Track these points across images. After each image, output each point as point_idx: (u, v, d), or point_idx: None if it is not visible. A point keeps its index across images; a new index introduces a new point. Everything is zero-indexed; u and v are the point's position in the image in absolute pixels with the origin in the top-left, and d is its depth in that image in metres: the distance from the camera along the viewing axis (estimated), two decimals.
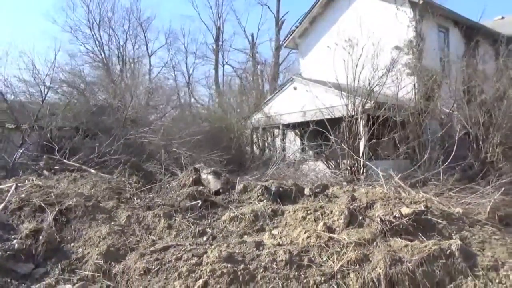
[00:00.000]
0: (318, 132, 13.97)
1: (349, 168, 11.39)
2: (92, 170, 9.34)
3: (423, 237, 5.74)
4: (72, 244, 5.99)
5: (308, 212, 6.46)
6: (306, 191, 7.43)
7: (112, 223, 6.34)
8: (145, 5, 77.95)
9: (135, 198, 7.43)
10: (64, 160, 10.21)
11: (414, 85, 13.96)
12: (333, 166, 12.39)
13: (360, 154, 12.10)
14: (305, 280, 4.86)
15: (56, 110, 13.53)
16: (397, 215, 6.01)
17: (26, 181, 8.67)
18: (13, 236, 5.94)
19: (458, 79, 14.88)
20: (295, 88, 15.71)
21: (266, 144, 18.22)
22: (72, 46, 37.41)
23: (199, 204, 6.91)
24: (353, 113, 12.25)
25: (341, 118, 12.54)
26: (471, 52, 17.18)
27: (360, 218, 6.20)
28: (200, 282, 4.72)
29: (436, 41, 16.66)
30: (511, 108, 12.67)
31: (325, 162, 12.51)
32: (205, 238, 5.99)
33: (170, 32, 61.52)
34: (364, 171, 11.43)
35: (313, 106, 13.84)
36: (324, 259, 5.22)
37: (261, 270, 5.01)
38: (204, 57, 42.78)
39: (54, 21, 59.50)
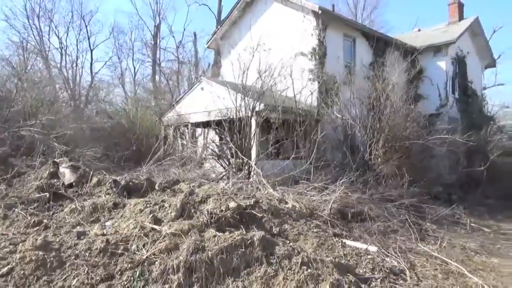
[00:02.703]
0: (220, 132, 14.42)
1: (235, 166, 11.87)
2: None
3: (243, 229, 6.25)
4: None
5: (148, 205, 6.79)
6: (156, 185, 7.79)
7: None
8: None
9: None
10: None
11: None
12: (226, 165, 12.85)
13: (251, 154, 12.61)
14: (112, 267, 5.20)
15: None
16: (223, 209, 6.51)
17: None
18: None
19: (358, 86, 15.89)
20: (202, 89, 16.05)
21: (180, 141, 18.34)
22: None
23: (47, 196, 7.06)
24: (243, 115, 12.75)
25: (238, 119, 13.00)
26: (379, 62, 18.31)
27: (192, 211, 6.63)
28: (5, 269, 4.94)
29: (342, 49, 17.54)
30: (393, 115, 13.73)
31: (217, 161, 12.96)
32: (36, 228, 6.17)
33: (115, 27, 60.27)
34: (252, 170, 11.92)
35: (215, 106, 14.24)
36: (136, 247, 5.58)
37: (73, 257, 5.29)
38: (143, 54, 42.31)
39: None
